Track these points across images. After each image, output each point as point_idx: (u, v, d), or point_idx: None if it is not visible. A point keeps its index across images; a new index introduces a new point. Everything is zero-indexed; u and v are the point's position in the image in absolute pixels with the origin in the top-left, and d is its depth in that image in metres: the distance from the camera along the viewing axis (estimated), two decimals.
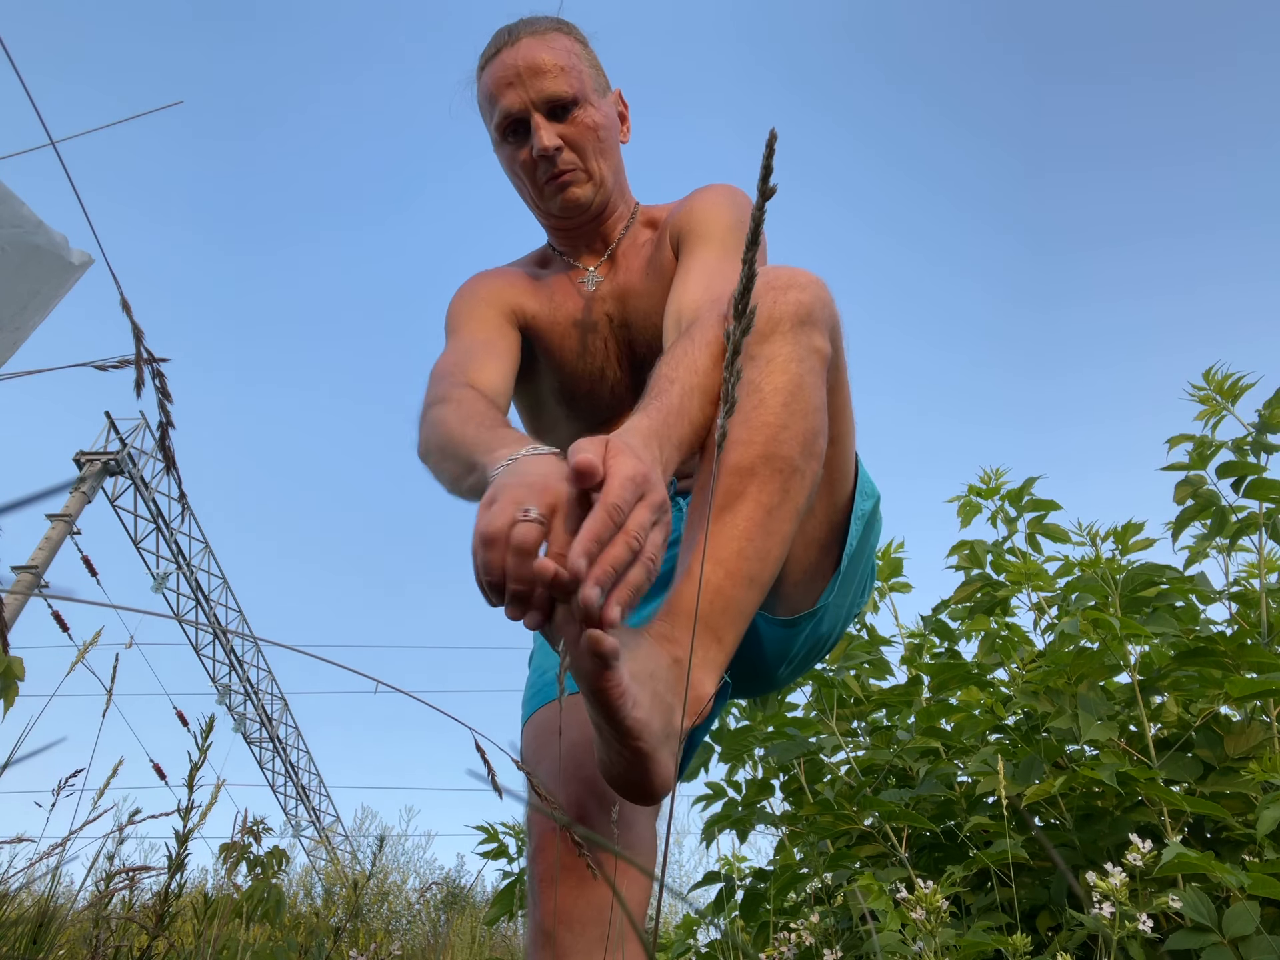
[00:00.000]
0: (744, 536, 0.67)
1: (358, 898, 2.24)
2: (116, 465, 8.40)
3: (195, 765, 0.96)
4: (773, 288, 0.74)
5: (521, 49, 1.03)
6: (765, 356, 0.72)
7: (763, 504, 0.68)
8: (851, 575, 0.94)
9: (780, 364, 0.72)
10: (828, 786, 1.75)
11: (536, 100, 1.03)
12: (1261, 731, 1.28)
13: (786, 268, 0.77)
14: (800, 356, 0.73)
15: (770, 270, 0.77)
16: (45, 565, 7.37)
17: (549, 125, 1.04)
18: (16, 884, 1.19)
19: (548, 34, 1.05)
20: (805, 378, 0.72)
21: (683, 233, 1.06)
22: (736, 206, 1.08)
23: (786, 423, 0.70)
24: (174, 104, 0.66)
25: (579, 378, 1.09)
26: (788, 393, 0.71)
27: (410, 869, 7.21)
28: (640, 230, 1.16)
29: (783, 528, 0.69)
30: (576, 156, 1.06)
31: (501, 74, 1.04)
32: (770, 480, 0.68)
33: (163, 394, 0.40)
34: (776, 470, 0.69)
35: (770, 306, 0.73)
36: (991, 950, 1.11)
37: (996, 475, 2.01)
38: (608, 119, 1.08)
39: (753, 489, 0.68)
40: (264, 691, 12.29)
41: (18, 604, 3.59)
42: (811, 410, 0.72)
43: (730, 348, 0.35)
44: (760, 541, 0.68)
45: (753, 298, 0.71)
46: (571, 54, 1.05)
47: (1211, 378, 1.69)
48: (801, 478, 0.70)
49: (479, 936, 3.91)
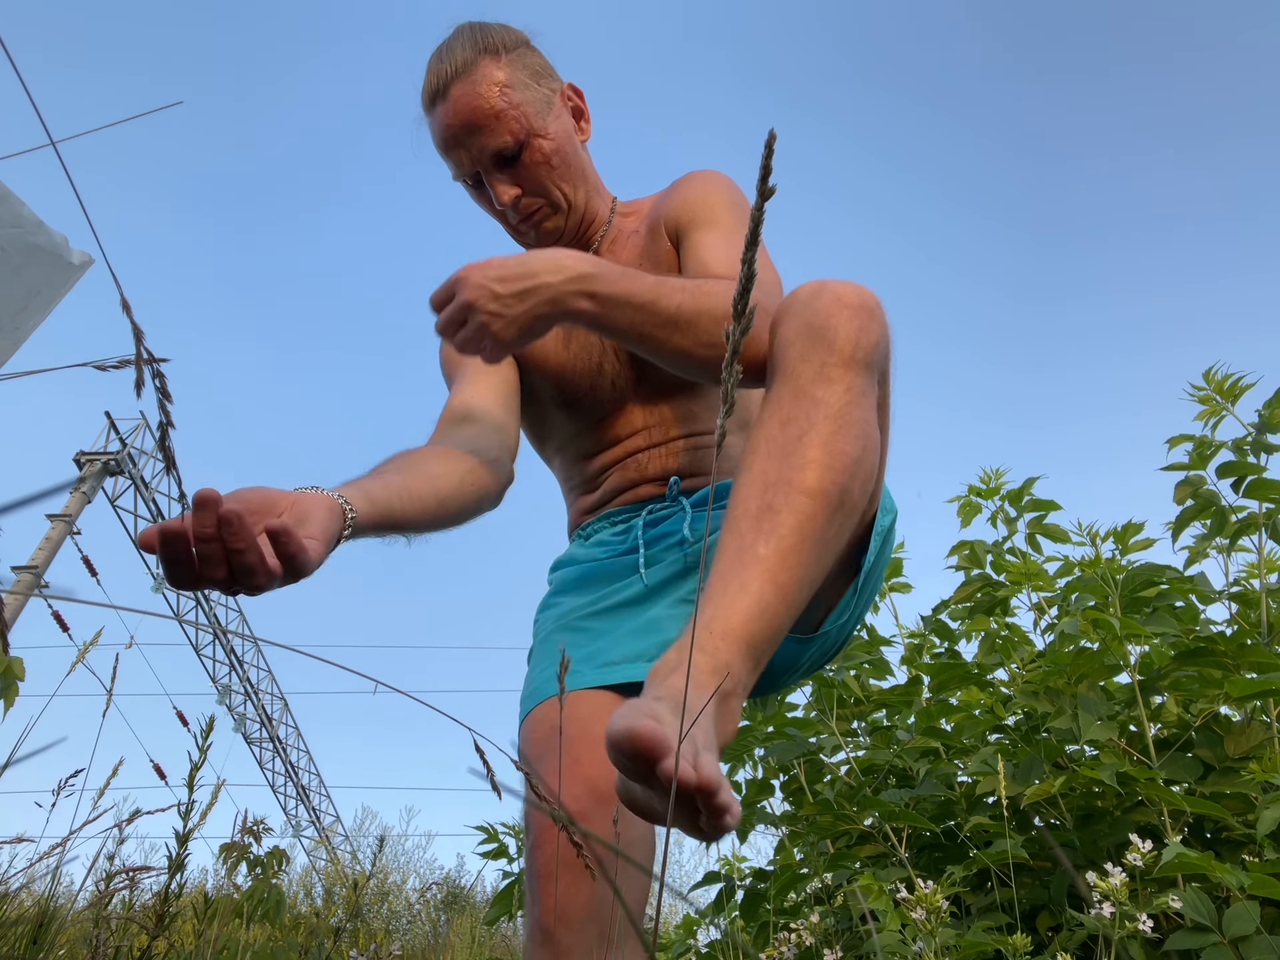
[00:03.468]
0: (801, 564, 0.63)
1: (358, 898, 2.24)
2: (116, 465, 8.40)
3: (195, 765, 0.96)
4: (849, 307, 0.70)
5: (453, 104, 1.00)
6: (846, 383, 0.68)
7: (824, 533, 0.64)
8: (866, 590, 0.92)
9: (858, 395, 0.68)
10: (828, 786, 1.75)
11: (481, 157, 1.02)
12: (1261, 731, 1.28)
13: (855, 286, 0.73)
14: (871, 390, 0.70)
15: (843, 287, 0.72)
16: (45, 565, 7.37)
17: (501, 177, 1.03)
18: (16, 884, 1.19)
19: (475, 72, 1.01)
20: (873, 416, 0.70)
21: (682, 221, 1.06)
22: (729, 188, 1.08)
23: (860, 459, 0.67)
24: (174, 104, 0.66)
25: (578, 377, 1.09)
26: (863, 428, 0.68)
27: (410, 869, 7.21)
28: (622, 223, 1.15)
29: (828, 559, 0.66)
30: (538, 196, 1.05)
31: (442, 135, 1.02)
32: (837, 512, 0.65)
33: (163, 394, 0.40)
34: (842, 503, 0.65)
35: (857, 332, 0.69)
36: (991, 950, 1.11)
37: (996, 475, 2.01)
38: (559, 138, 1.05)
39: (821, 515, 0.64)
40: (264, 691, 12.30)
41: (18, 604, 3.59)
42: (875, 448, 0.70)
43: (730, 348, 0.34)
44: (812, 571, 0.64)
45: (822, 309, 0.71)
46: (504, 89, 1.01)
47: (1211, 378, 1.69)
48: (855, 515, 0.68)
49: (479, 936, 3.91)
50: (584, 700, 0.88)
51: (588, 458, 1.12)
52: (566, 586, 1.07)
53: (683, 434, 1.07)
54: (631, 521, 1.06)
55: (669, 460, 1.07)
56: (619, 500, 1.09)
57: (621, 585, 1.00)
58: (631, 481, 1.08)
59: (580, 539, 1.12)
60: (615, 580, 1.02)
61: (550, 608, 1.06)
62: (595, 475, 1.12)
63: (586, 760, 0.80)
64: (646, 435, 1.08)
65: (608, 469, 1.10)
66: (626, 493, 1.09)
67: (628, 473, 1.08)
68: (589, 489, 1.13)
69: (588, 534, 1.11)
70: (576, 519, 1.15)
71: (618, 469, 1.09)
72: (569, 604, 1.03)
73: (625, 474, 1.09)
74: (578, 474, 1.14)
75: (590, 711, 0.87)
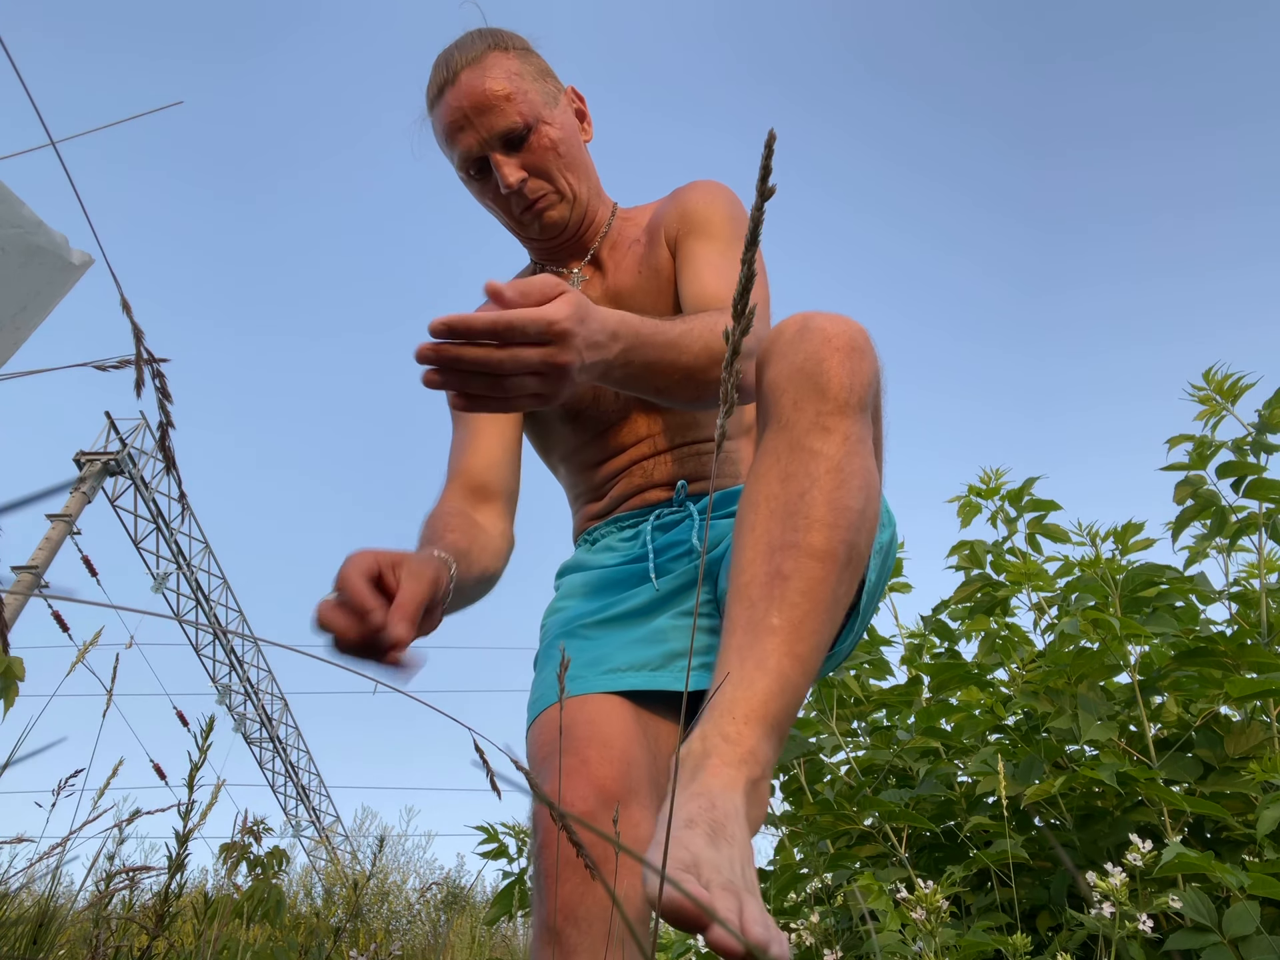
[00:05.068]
0: (815, 631, 0.61)
1: (358, 898, 2.24)
2: (116, 465, 8.40)
3: (195, 765, 0.96)
4: (840, 350, 0.68)
5: (463, 87, 1.01)
6: (843, 432, 0.66)
7: (835, 594, 0.63)
8: (868, 611, 0.92)
9: (855, 443, 0.66)
10: (828, 786, 1.75)
11: (490, 138, 1.02)
12: (1261, 731, 1.28)
13: (843, 322, 0.70)
14: (868, 435, 0.69)
15: (830, 325, 0.69)
16: (45, 565, 7.37)
17: (509, 159, 1.03)
18: (16, 884, 1.19)
19: (485, 60, 1.02)
20: (872, 458, 0.69)
21: (680, 230, 1.06)
22: (730, 202, 1.08)
23: (864, 510, 0.65)
24: (174, 104, 0.66)
25: (582, 390, 1.10)
26: (864, 477, 0.66)
27: (410, 869, 7.20)
28: (622, 229, 1.15)
29: (839, 617, 0.64)
30: (544, 181, 1.05)
31: (450, 118, 1.02)
32: (845, 570, 0.63)
33: (163, 394, 0.40)
34: (850, 560, 0.64)
35: (849, 375, 0.67)
36: (991, 950, 1.11)
37: (996, 475, 2.01)
38: (565, 130, 1.07)
39: (831, 577, 0.62)
40: (264, 691, 12.29)
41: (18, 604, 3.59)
42: (877, 495, 0.68)
43: (730, 348, 0.34)
44: (826, 634, 0.63)
45: (813, 352, 0.69)
46: (513, 76, 1.03)
47: (1211, 378, 1.69)
48: (862, 566, 0.66)
49: (479, 936, 3.91)
50: (590, 703, 0.88)
51: (593, 467, 1.12)
52: (573, 592, 1.07)
53: (687, 441, 1.07)
54: (640, 526, 1.06)
55: (675, 466, 1.07)
56: (626, 506, 1.09)
57: (629, 594, 1.00)
58: (638, 488, 1.08)
59: (586, 543, 1.12)
60: (623, 588, 1.02)
61: (557, 613, 1.07)
62: (601, 484, 1.12)
63: (594, 761, 0.80)
64: (651, 443, 1.08)
65: (614, 477, 1.10)
66: (634, 498, 1.09)
67: (634, 480, 1.08)
68: (595, 497, 1.13)
69: (594, 539, 1.11)
70: (582, 524, 1.15)
71: (624, 477, 1.09)
72: (576, 610, 1.03)
73: (631, 481, 1.09)
74: (583, 482, 1.14)
75: (597, 714, 0.87)
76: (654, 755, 0.84)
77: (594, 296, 1.11)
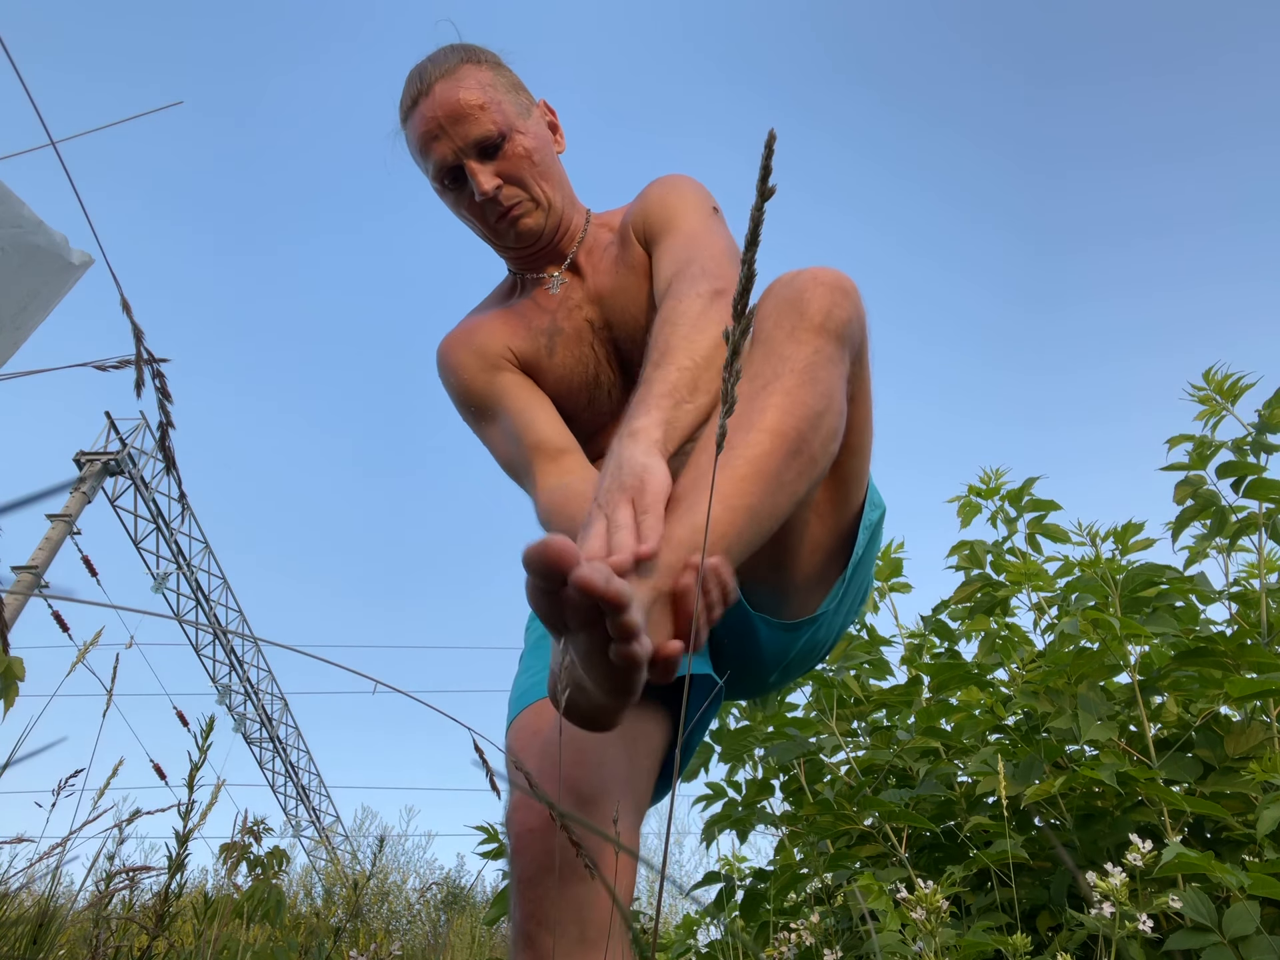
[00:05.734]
0: (751, 492, 0.65)
1: (358, 898, 2.24)
2: (116, 465, 8.40)
3: (195, 765, 0.96)
4: (824, 284, 0.75)
5: (437, 97, 1.02)
6: (815, 345, 0.72)
7: (779, 473, 0.67)
8: (854, 583, 0.95)
9: (825, 359, 0.72)
10: (828, 786, 1.75)
11: (464, 147, 1.02)
12: (1261, 731, 1.28)
13: (834, 270, 0.78)
14: (840, 360, 0.74)
15: (821, 269, 0.77)
16: (45, 565, 7.37)
17: (484, 167, 1.04)
18: (16, 884, 1.19)
19: (458, 71, 1.04)
20: (840, 383, 0.74)
21: (649, 224, 1.08)
22: (695, 189, 1.10)
23: (822, 414, 0.71)
24: (174, 104, 0.66)
25: (576, 391, 1.10)
26: (828, 386, 0.72)
27: (410, 869, 7.21)
28: (597, 233, 1.17)
29: (782, 501, 0.68)
30: (518, 189, 1.06)
31: (424, 128, 1.03)
32: (793, 457, 0.68)
33: (163, 394, 0.40)
34: (799, 450, 0.68)
35: (829, 304, 0.74)
36: (991, 950, 1.11)
37: (996, 476, 2.01)
38: (539, 139, 1.08)
39: (777, 453, 0.67)
40: (264, 691, 12.30)
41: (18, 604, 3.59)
42: (839, 411, 0.73)
43: (730, 348, 0.35)
44: (765, 502, 0.66)
45: (799, 285, 0.75)
46: (486, 87, 1.04)
47: (1211, 378, 1.69)
48: (814, 468, 0.71)
49: (479, 936, 3.91)
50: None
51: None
52: None
53: (686, 440, 1.08)
54: None
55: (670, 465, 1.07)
56: None
57: None
58: None
59: None
60: None
61: None
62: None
63: (565, 763, 0.80)
64: None
65: None
66: None
67: None
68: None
69: None
70: None
71: None
72: None
73: None
74: None
75: None
76: (631, 755, 0.84)
77: (576, 300, 1.12)
